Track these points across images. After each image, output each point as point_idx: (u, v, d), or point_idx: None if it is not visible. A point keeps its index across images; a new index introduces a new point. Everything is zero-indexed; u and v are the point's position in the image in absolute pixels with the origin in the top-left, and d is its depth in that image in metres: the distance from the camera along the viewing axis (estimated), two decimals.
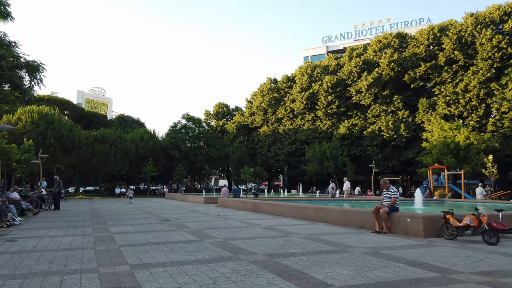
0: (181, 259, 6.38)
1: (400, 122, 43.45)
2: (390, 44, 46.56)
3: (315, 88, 52.26)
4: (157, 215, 16.16)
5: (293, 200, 22.54)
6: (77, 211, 19.59)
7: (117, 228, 11.30)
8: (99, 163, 46.43)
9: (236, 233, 9.89)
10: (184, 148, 56.58)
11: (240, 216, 15.30)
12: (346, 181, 24.86)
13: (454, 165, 34.54)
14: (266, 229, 10.78)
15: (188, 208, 21.63)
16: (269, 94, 60.49)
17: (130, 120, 79.73)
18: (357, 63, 48.07)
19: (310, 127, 53.65)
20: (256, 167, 56.85)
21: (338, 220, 11.88)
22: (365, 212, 10.95)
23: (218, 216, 15.41)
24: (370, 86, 46.08)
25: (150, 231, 10.50)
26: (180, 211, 18.69)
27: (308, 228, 10.85)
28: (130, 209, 21.12)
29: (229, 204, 21.20)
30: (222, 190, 24.26)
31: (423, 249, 7.37)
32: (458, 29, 40.57)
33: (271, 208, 16.24)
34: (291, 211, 14.64)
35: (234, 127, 66.28)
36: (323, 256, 6.60)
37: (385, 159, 45.43)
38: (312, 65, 55.77)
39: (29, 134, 36.53)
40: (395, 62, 44.29)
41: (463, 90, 39.41)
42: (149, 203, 29.35)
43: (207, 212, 17.96)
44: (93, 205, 25.44)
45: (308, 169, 49.88)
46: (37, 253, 7.09)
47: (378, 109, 46.12)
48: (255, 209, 17.64)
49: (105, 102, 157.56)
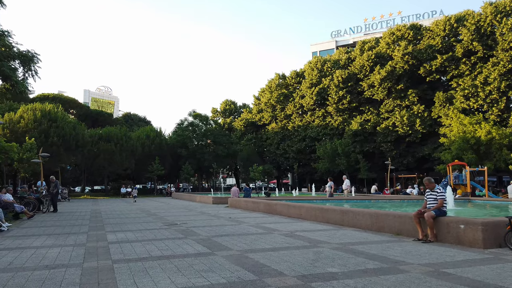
0: (190, 285, 4.88)
1: (415, 117, 41.67)
2: (404, 36, 44.72)
3: (326, 83, 50.56)
4: (162, 218, 14.72)
5: (308, 200, 21.00)
6: (77, 213, 18.22)
7: (115, 235, 9.85)
8: (104, 162, 45.19)
9: (253, 242, 8.38)
10: (191, 146, 55.20)
11: (254, 219, 13.79)
12: (345, 179, 23.10)
13: (474, 161, 32.80)
14: (287, 236, 9.27)
15: (196, 209, 20.19)
16: (278, 90, 58.88)
17: (136, 118, 78.54)
18: (369, 57, 46.28)
19: (320, 123, 52.00)
20: (265, 165, 55.33)
21: (368, 225, 10.33)
22: (403, 216, 9.38)
23: (230, 219, 13.92)
24: (383, 80, 44.31)
25: (153, 239, 9.03)
26: (187, 213, 17.24)
27: (337, 235, 9.31)
28: (134, 210, 19.71)
29: (240, 205, 19.72)
30: (232, 189, 22.75)
31: (495, 266, 5.81)
32: (477, 19, 38.69)
33: (287, 209, 14.71)
34: (311, 213, 13.11)
35: (241, 124, 64.79)
36: (373, 279, 5.06)
37: (399, 155, 43.67)
38: (322, 60, 54.05)
39: (31, 133, 35.31)
40: (409, 55, 42.49)
41: (482, 83, 37.53)
42: (154, 203, 27.98)
43: (217, 214, 16.49)
44: (96, 206, 24.10)
45: (318, 167, 48.27)
46: (7, 275, 5.63)
47: (392, 104, 44.36)
48: (269, 211, 16.13)
49: (111, 101, 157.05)
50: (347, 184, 22.72)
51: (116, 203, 29.02)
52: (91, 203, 28.24)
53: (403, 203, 20.75)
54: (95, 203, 29.20)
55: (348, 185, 22.74)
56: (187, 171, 51.08)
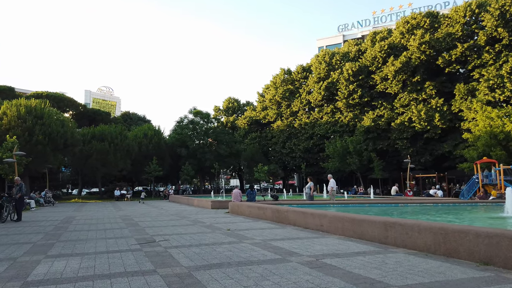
0: None
1: (434, 112, 38.21)
2: (419, 25, 41.29)
3: (334, 77, 47.18)
4: (140, 231, 11.43)
5: (322, 205, 17.68)
6: (42, 222, 14.97)
7: (51, 264, 6.55)
8: (97, 162, 41.97)
9: (260, 283, 5.05)
10: (191, 146, 51.95)
11: (261, 232, 10.47)
12: (330, 179, 19.63)
13: (504, 158, 29.42)
14: (312, 267, 5.94)
15: (191, 216, 16.89)
16: (283, 86, 55.59)
17: (136, 117, 75.36)
18: (381, 47, 42.84)
19: (329, 120, 48.62)
20: (270, 165, 51.98)
21: (430, 246, 6.97)
22: (493, 236, 5.99)
23: (228, 232, 10.60)
24: (398, 72, 40.90)
25: (100, 275, 5.71)
26: (176, 223, 13.94)
27: (391, 266, 5.95)
28: (114, 219, 16.42)
29: (242, 211, 16.41)
30: (234, 192, 19.36)
31: None
32: (501, 3, 35.22)
33: (303, 218, 11.38)
34: (337, 224, 9.76)
35: (245, 122, 61.54)
36: None
37: (416, 153, 40.17)
38: (330, 53, 50.70)
39: (14, 130, 32.18)
40: (426, 44, 39.06)
41: (509, 72, 34.06)
42: (145, 208, 24.71)
43: (213, 223, 13.18)
44: (75, 213, 20.85)
45: (328, 166, 44.87)
46: None
47: (407, 97, 40.91)
48: (279, 219, 12.82)
49: (113, 102, 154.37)
50: (331, 185, 19.34)
51: (102, 208, 25.75)
52: (73, 208, 24.99)
53: (437, 208, 17.37)
54: (78, 208, 25.93)
55: (332, 186, 19.36)
56: (187, 171, 47.82)
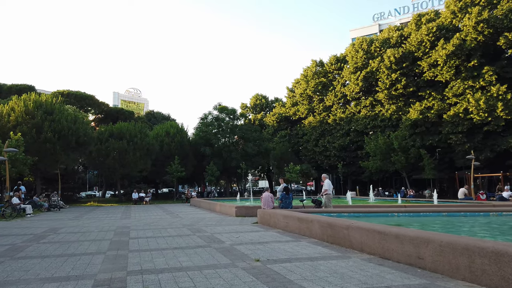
0: None
1: (495, 100, 32.73)
2: (474, 2, 35.80)
3: (374, 66, 42.22)
4: (119, 260, 7.36)
5: (383, 214, 13.20)
6: (19, 236, 11.16)
7: None
8: (115, 162, 38.65)
9: None
10: (216, 144, 48.09)
11: (313, 267, 6.16)
12: (326, 179, 14.97)
13: None
14: None
15: (207, 228, 12.76)
16: (315, 79, 50.97)
17: (160, 116, 72.36)
18: (429, 30, 37.59)
19: (368, 114, 43.69)
20: (301, 164, 47.45)
21: None
22: None
23: (258, 266, 6.34)
24: (450, 57, 35.56)
25: None
26: (182, 243, 9.78)
27: None
28: (102, 233, 12.48)
29: (276, 223, 12.13)
30: (263, 196, 15.10)
31: None
32: None
33: (378, 241, 6.97)
34: (448, 258, 5.30)
35: (274, 119, 57.28)
36: None
37: (474, 149, 34.69)
38: (368, 40, 45.71)
39: (21, 127, 29.15)
40: (484, 23, 33.60)
41: None
42: (159, 214, 20.83)
43: (234, 244, 8.94)
44: (66, 222, 17.12)
45: (368, 166, 40.02)
46: None
47: (461, 85, 35.50)
48: (334, 240, 8.45)
49: (141, 103, 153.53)
50: (325, 187, 14.73)
51: (109, 214, 22.04)
52: (76, 215, 21.35)
53: None
54: (83, 214, 22.31)
55: (327, 188, 14.74)
56: (211, 172, 43.94)
